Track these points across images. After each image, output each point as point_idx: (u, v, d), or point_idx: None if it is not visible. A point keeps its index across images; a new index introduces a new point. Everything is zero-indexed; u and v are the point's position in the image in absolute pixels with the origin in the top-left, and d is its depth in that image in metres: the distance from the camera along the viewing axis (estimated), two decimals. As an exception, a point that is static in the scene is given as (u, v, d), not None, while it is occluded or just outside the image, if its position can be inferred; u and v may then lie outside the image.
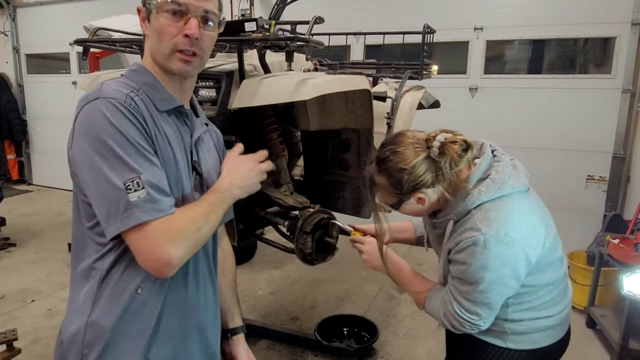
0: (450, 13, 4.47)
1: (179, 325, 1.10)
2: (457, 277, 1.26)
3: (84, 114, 0.97)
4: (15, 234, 5.00)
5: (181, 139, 1.09)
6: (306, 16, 2.01)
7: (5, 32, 7.23)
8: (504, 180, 1.23)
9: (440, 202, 1.29)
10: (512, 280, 1.22)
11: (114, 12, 3.49)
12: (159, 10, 1.02)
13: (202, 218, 1.00)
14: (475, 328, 1.28)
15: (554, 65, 4.44)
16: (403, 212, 1.35)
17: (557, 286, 1.35)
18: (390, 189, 1.28)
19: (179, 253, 0.95)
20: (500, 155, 1.31)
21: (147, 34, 1.08)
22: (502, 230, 1.17)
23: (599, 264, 3.20)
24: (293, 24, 2.17)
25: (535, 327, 1.33)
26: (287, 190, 2.21)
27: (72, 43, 3.77)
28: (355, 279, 4.01)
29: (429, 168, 1.22)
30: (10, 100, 7.07)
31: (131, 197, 0.91)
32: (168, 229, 0.94)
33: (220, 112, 1.89)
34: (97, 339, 1.01)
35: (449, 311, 1.30)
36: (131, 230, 0.92)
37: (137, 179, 0.92)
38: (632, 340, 2.79)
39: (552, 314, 1.34)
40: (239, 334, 1.32)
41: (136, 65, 1.11)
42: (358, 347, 2.94)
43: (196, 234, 0.99)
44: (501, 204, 1.21)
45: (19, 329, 2.56)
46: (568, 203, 4.20)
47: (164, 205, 0.95)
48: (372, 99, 2.19)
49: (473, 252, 1.19)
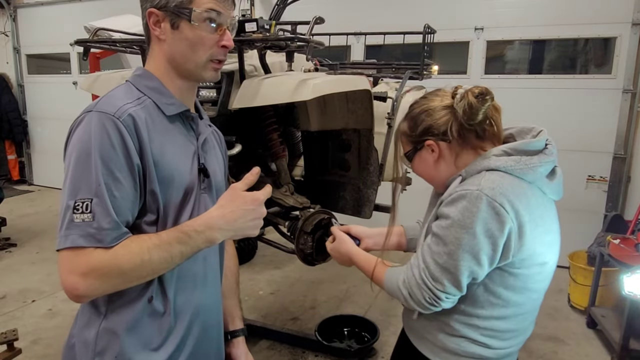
0: (450, 13, 4.47)
1: (189, 329, 1.10)
2: (435, 234, 1.14)
3: (78, 124, 0.97)
4: (16, 234, 5.01)
5: (188, 143, 1.08)
6: (306, 16, 2.01)
7: (5, 33, 7.24)
8: (534, 167, 1.11)
9: (457, 167, 1.20)
10: (487, 260, 1.09)
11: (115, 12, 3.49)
12: (197, 20, 1.01)
13: (138, 258, 0.93)
14: (435, 302, 1.13)
15: (555, 65, 4.44)
16: (416, 168, 1.27)
17: (518, 321, 1.20)
18: (408, 131, 1.24)
19: (89, 289, 0.91)
20: (551, 150, 1.17)
21: (162, 39, 1.04)
22: (499, 198, 1.05)
23: (599, 264, 3.20)
24: (293, 25, 2.18)
25: (468, 352, 1.19)
26: (288, 190, 2.21)
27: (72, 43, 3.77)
28: (355, 279, 4.01)
29: (447, 115, 1.17)
30: (11, 101, 7.09)
31: (75, 218, 0.90)
32: (93, 262, 0.90)
33: (221, 112, 1.89)
34: (109, 347, 1.00)
35: (412, 276, 1.16)
36: (66, 249, 0.91)
37: (88, 201, 0.90)
38: (632, 341, 2.79)
39: (493, 346, 1.19)
40: (239, 336, 1.32)
41: (140, 70, 1.09)
42: (358, 347, 2.94)
43: (122, 275, 0.92)
44: (515, 182, 1.09)
45: (20, 329, 2.56)
46: (568, 203, 4.17)
47: (105, 236, 0.90)
48: (372, 99, 2.20)
49: (462, 208, 1.08)
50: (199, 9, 1.01)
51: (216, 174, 1.15)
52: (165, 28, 1.03)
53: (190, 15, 1.01)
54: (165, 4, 1.01)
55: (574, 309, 3.57)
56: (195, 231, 0.98)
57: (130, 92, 1.03)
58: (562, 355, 3.02)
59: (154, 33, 1.04)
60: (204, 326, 1.14)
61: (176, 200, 1.03)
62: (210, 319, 1.17)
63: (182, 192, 1.04)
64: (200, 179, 1.09)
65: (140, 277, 0.96)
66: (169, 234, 0.97)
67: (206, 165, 1.11)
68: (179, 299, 1.07)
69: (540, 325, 3.33)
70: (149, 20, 1.03)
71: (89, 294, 0.93)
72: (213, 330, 1.19)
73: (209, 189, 1.12)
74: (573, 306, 3.59)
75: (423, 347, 1.27)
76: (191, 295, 1.09)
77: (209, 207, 1.09)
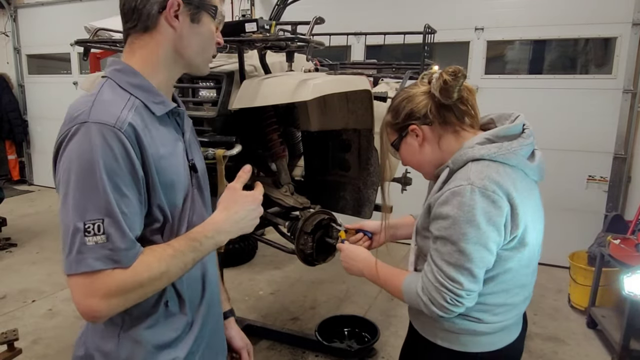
0: (451, 13, 4.46)
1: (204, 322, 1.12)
2: (439, 237, 1.16)
3: (72, 136, 0.89)
4: (16, 234, 5.01)
5: (178, 142, 1.06)
6: (307, 17, 2.01)
7: (6, 33, 7.24)
8: (515, 151, 1.17)
9: (441, 150, 1.25)
10: (495, 246, 1.13)
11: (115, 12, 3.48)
12: (216, 17, 1.04)
13: (157, 271, 0.92)
14: (457, 302, 1.15)
15: (555, 65, 4.44)
16: (403, 156, 1.32)
17: (508, 296, 1.23)
18: (392, 120, 1.30)
19: (112, 310, 0.89)
20: (529, 134, 1.23)
21: (176, 29, 0.99)
22: (490, 187, 1.11)
23: (599, 265, 3.20)
24: (294, 25, 2.18)
25: (462, 328, 1.23)
26: (288, 190, 2.21)
27: (73, 43, 3.78)
28: (355, 279, 3.98)
29: (425, 99, 1.24)
30: (11, 101, 7.09)
31: (88, 241, 0.85)
32: (114, 283, 0.87)
33: (221, 112, 1.89)
34: (132, 355, 1.00)
35: (428, 281, 1.18)
36: (80, 274, 0.86)
37: (99, 222, 0.85)
38: (633, 341, 2.79)
39: (486, 321, 1.23)
40: (229, 317, 1.35)
41: (119, 64, 1.00)
42: (359, 347, 2.94)
43: (141, 289, 0.91)
44: (500, 168, 1.15)
45: (20, 329, 2.56)
46: (569, 203, 4.19)
47: (123, 257, 0.88)
48: (372, 99, 2.19)
49: (459, 204, 1.11)
50: (219, 7, 1.04)
51: (201, 165, 1.15)
52: (184, 21, 1.00)
53: (216, 12, 1.03)
54: None
55: (574, 309, 3.57)
56: (205, 237, 0.99)
57: (116, 94, 0.96)
58: (562, 355, 3.02)
59: (172, 23, 0.99)
60: (216, 317, 1.18)
61: (178, 203, 1.03)
62: (218, 308, 1.22)
63: (182, 194, 1.04)
64: (191, 176, 1.09)
65: (158, 288, 0.96)
66: (181, 243, 0.96)
67: (194, 160, 1.10)
68: (193, 297, 1.09)
69: (540, 325, 3.33)
70: (167, 11, 0.97)
71: (111, 314, 0.91)
72: (220, 319, 1.24)
73: (198, 183, 1.12)
74: (573, 306, 3.59)
75: (426, 331, 1.33)
76: (201, 289, 1.12)
77: (199, 202, 1.10)
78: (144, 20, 0.99)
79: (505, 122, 1.27)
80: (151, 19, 0.98)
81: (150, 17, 0.98)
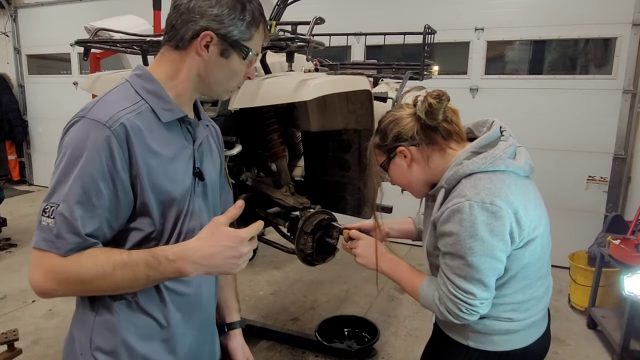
0: (451, 14, 4.47)
1: (185, 323, 1.11)
2: (447, 253, 1.22)
3: (70, 126, 0.97)
4: (16, 235, 5.01)
5: (185, 148, 1.07)
6: (307, 17, 2.01)
7: (6, 33, 7.25)
8: (501, 157, 1.21)
9: (430, 168, 1.30)
10: (503, 255, 1.18)
11: (115, 12, 3.50)
12: (249, 59, 1.06)
13: (101, 270, 0.92)
14: (472, 311, 1.21)
15: (555, 65, 4.44)
16: (392, 177, 1.37)
17: (532, 290, 1.28)
18: (380, 142, 1.34)
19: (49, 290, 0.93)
20: (507, 136, 1.29)
21: (203, 56, 1.02)
22: (487, 199, 1.15)
23: (599, 265, 3.19)
24: (294, 25, 2.18)
25: (494, 329, 1.28)
26: (288, 190, 2.21)
27: (73, 44, 3.77)
28: (355, 279, 4.01)
29: (412, 121, 1.28)
30: (11, 101, 7.09)
31: (42, 220, 0.92)
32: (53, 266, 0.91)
33: (221, 112, 1.90)
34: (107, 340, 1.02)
35: (443, 293, 1.24)
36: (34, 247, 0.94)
37: (55, 207, 0.91)
38: (633, 341, 2.79)
39: (517, 319, 1.28)
40: (235, 328, 1.34)
41: (141, 69, 1.06)
42: (359, 347, 2.94)
43: (83, 284, 0.93)
44: (492, 177, 1.19)
45: (20, 330, 2.56)
46: (569, 204, 4.20)
47: (62, 245, 0.91)
48: (372, 100, 2.19)
49: (460, 220, 1.16)
50: (254, 51, 1.06)
51: (211, 175, 1.16)
52: (213, 52, 1.02)
53: (247, 55, 1.05)
54: (226, 33, 1.01)
55: (574, 310, 3.57)
56: (166, 258, 0.94)
57: (127, 96, 1.01)
58: (562, 355, 3.02)
59: (201, 54, 1.02)
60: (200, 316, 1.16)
61: (172, 208, 1.04)
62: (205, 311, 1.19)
63: (178, 200, 1.04)
64: (195, 183, 1.09)
65: (102, 290, 0.97)
66: (140, 255, 0.95)
67: (202, 168, 1.11)
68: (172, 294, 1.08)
69: (541, 326, 3.33)
70: (198, 40, 1.00)
71: (49, 294, 0.94)
72: (209, 320, 1.22)
73: (204, 192, 1.13)
74: (573, 307, 3.59)
75: (454, 333, 1.36)
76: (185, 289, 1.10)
77: (203, 211, 1.11)
78: (177, 40, 1.03)
79: (482, 129, 1.34)
80: (183, 41, 1.02)
81: (182, 39, 1.02)
